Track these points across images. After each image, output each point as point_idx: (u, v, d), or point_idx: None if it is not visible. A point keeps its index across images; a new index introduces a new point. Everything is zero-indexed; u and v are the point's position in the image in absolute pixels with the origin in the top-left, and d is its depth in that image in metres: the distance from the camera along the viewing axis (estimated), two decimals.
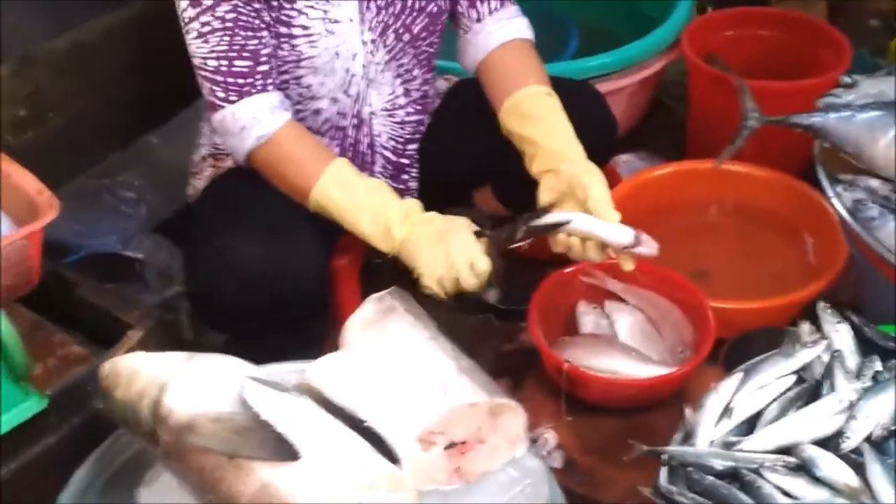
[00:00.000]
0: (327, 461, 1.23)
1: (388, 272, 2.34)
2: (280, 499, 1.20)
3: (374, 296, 1.47)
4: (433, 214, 1.64)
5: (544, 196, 1.67)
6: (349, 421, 1.33)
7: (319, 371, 1.40)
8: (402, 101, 1.88)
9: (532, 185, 1.71)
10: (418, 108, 1.91)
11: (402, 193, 1.78)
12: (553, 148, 1.67)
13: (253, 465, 1.21)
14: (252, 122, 1.66)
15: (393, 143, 1.91)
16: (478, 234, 1.62)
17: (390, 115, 1.88)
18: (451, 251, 1.58)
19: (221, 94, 1.66)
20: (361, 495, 1.19)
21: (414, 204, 1.65)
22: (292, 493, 1.20)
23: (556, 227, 1.61)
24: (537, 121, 1.70)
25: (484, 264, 1.59)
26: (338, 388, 1.37)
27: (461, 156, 1.91)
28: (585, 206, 1.61)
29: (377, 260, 2.40)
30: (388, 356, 1.39)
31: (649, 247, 1.60)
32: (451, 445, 1.34)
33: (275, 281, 1.61)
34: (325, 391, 1.37)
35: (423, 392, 1.34)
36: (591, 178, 1.63)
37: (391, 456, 1.31)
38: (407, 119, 1.90)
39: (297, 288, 1.64)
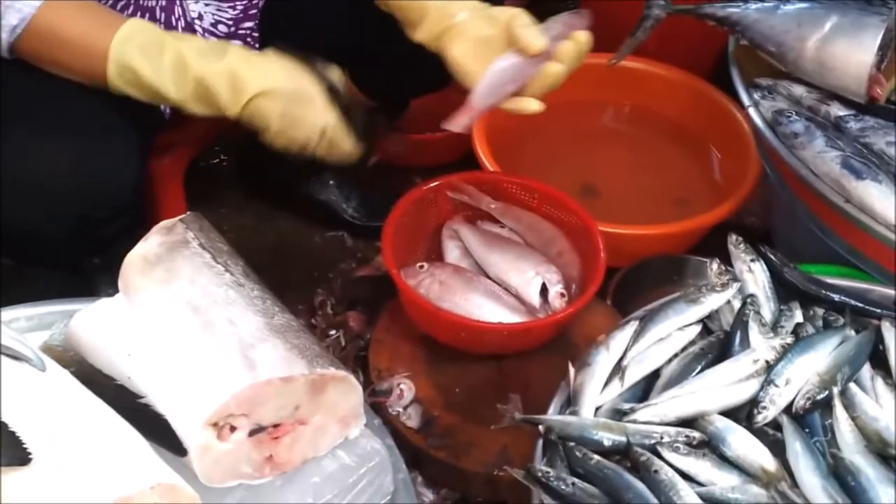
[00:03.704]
0: (69, 464, 0.90)
1: (223, 173, 2.05)
2: None
3: (162, 223, 1.13)
4: (271, 77, 1.36)
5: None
6: (117, 397, 1.00)
7: (82, 325, 1.06)
8: None
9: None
10: None
11: None
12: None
13: None
14: (3, 8, 1.34)
15: (219, 24, 1.61)
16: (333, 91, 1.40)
17: None
18: (300, 127, 1.36)
19: None
20: None
21: (237, 58, 1.34)
22: None
23: None
24: None
25: (340, 132, 1.38)
26: (106, 349, 1.05)
27: (310, 31, 1.60)
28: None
29: (213, 160, 2.09)
30: (175, 308, 1.05)
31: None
32: (258, 430, 1.02)
33: (76, 193, 1.34)
34: (88, 353, 1.03)
35: (218, 361, 1.00)
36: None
37: (179, 446, 0.99)
38: None
39: (107, 200, 1.39)
